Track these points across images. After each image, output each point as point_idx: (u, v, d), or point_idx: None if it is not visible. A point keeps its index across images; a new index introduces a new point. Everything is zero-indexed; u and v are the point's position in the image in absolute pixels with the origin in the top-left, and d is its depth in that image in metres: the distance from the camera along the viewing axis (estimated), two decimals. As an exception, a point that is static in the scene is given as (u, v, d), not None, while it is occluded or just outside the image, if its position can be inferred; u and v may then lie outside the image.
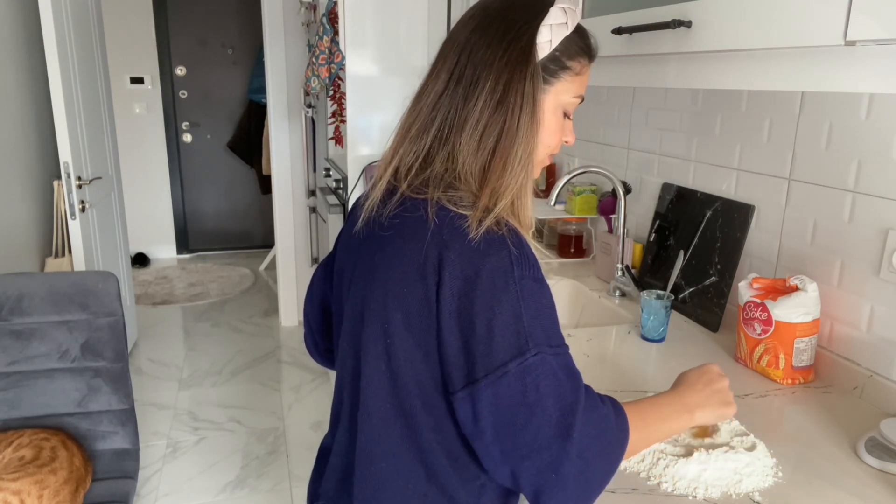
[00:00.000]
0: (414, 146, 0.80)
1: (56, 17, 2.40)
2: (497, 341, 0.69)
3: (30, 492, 1.41)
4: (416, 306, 0.73)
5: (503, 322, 0.69)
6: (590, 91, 1.97)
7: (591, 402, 0.72)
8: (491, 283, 0.70)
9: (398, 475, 0.79)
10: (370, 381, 0.79)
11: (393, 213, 0.78)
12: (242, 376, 3.18)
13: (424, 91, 0.81)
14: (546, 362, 0.70)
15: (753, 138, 1.34)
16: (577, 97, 0.83)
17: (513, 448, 0.70)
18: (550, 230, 2.04)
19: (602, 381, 1.17)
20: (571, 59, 0.80)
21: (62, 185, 2.57)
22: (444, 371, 0.73)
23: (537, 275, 0.74)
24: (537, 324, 0.71)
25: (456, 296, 0.70)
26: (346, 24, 2.26)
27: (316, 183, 3.57)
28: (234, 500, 2.27)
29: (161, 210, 5.04)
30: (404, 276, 0.74)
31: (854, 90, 0.78)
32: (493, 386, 0.69)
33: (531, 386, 0.69)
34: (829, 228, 1.17)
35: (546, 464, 0.69)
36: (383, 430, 0.79)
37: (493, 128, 0.75)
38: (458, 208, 0.74)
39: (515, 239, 0.74)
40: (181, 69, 4.86)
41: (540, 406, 0.69)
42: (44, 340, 1.73)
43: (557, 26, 0.78)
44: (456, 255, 0.71)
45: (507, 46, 0.76)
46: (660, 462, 0.88)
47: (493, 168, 0.76)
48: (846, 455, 0.93)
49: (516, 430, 0.69)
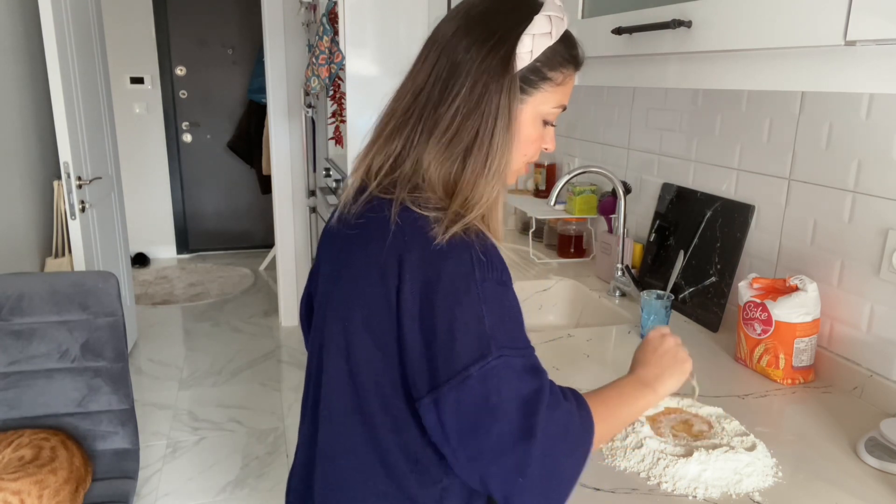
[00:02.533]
0: (387, 147, 0.79)
1: (56, 18, 2.40)
2: (458, 345, 0.68)
3: (30, 492, 1.41)
4: (376, 307, 0.72)
5: (464, 325, 0.68)
6: (590, 91, 1.97)
7: (553, 399, 0.70)
8: (452, 285, 0.68)
9: (357, 473, 0.79)
10: (330, 378, 0.79)
11: (360, 211, 0.78)
12: (242, 376, 3.18)
13: (402, 90, 0.80)
14: (509, 365, 0.68)
15: (753, 138, 1.34)
16: (558, 107, 0.81)
17: (478, 454, 0.68)
18: (550, 230, 2.04)
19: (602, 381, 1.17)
20: (554, 70, 0.78)
21: (62, 185, 2.57)
22: (407, 376, 0.72)
23: (501, 278, 0.72)
24: (500, 326, 0.69)
25: (416, 299, 0.69)
26: (346, 24, 2.26)
27: (316, 183, 3.58)
28: (234, 500, 2.27)
29: (161, 210, 5.04)
30: (366, 276, 0.73)
31: (854, 90, 0.78)
32: (455, 390, 0.67)
33: (493, 389, 0.67)
34: (829, 228, 1.17)
35: (512, 468, 0.67)
36: (343, 428, 0.79)
37: (462, 135, 0.74)
38: (422, 210, 0.73)
39: (481, 242, 0.72)
40: (181, 69, 4.86)
41: (502, 409, 0.67)
42: (44, 340, 1.73)
43: (540, 36, 0.75)
44: (416, 258, 0.70)
45: (487, 54, 0.74)
46: (660, 462, 0.88)
47: (464, 178, 0.74)
48: (846, 455, 0.93)
49: (480, 436, 0.68)
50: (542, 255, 1.94)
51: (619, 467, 0.90)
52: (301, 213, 3.69)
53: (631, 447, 0.91)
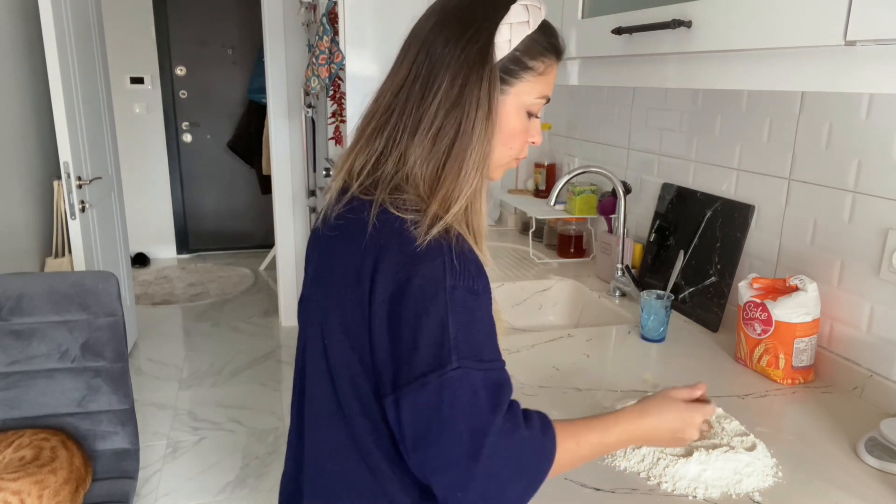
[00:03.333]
0: (368, 146, 0.78)
1: (56, 18, 2.40)
2: (421, 351, 0.67)
3: (30, 492, 1.41)
4: (352, 309, 0.72)
5: (427, 332, 0.67)
6: (590, 91, 1.97)
7: (511, 423, 0.68)
8: (420, 290, 0.68)
9: (343, 475, 0.79)
10: (313, 380, 0.79)
11: (340, 213, 0.77)
12: (242, 376, 3.18)
13: (384, 88, 0.79)
14: (468, 377, 0.67)
15: (753, 138, 1.34)
16: (541, 97, 0.80)
17: (426, 459, 0.68)
18: (550, 230, 2.04)
19: (602, 381, 1.17)
20: (534, 59, 0.77)
21: (62, 185, 2.57)
22: (376, 374, 0.73)
23: (473, 286, 0.70)
24: (465, 337, 0.68)
25: (387, 301, 0.69)
26: (346, 24, 2.26)
27: (316, 183, 3.57)
28: (234, 500, 2.27)
29: (161, 210, 5.04)
30: (343, 278, 0.73)
31: (854, 90, 0.78)
32: (412, 395, 0.67)
33: (447, 401, 0.66)
34: (829, 228, 1.17)
35: (453, 481, 0.67)
36: (327, 431, 0.79)
37: (447, 129, 0.73)
38: (401, 212, 0.72)
39: (458, 247, 0.71)
40: (181, 69, 4.86)
41: (452, 423, 0.66)
42: (44, 340, 1.73)
43: (518, 25, 0.75)
44: (390, 261, 0.69)
45: (465, 46, 0.73)
46: (660, 462, 0.88)
47: (446, 172, 0.73)
48: (846, 455, 0.93)
49: (429, 444, 0.67)
50: (542, 255, 1.94)
51: (619, 467, 0.90)
52: (301, 213, 3.69)
53: (631, 447, 0.91)
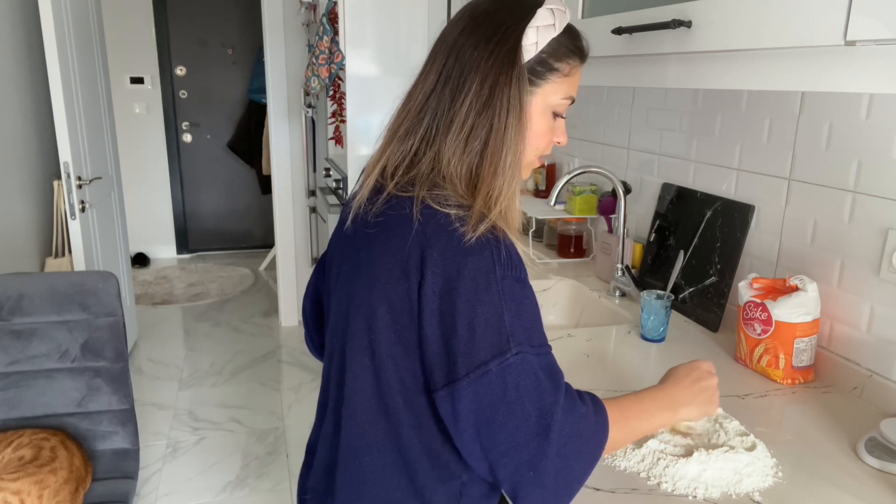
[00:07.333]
0: (401, 146, 0.80)
1: (56, 18, 2.40)
2: (479, 340, 0.70)
3: (30, 492, 1.41)
4: (399, 303, 0.74)
5: (485, 321, 0.70)
6: (590, 91, 1.97)
7: (570, 401, 0.72)
8: (473, 282, 0.70)
9: (381, 470, 0.80)
10: (355, 376, 0.80)
11: (379, 210, 0.79)
12: (242, 376, 3.18)
13: (414, 92, 0.81)
14: (527, 362, 0.70)
15: (753, 138, 1.34)
16: (566, 98, 0.83)
17: (492, 445, 0.70)
18: (550, 230, 2.04)
19: (602, 381, 1.17)
20: (559, 61, 0.80)
21: (62, 185, 2.57)
22: (425, 369, 0.74)
23: (520, 275, 0.74)
24: (519, 323, 0.71)
25: (437, 294, 0.71)
26: (346, 24, 2.26)
27: (316, 183, 3.57)
28: (234, 500, 2.27)
29: (161, 210, 5.04)
30: (388, 272, 0.75)
31: (854, 90, 0.78)
32: (474, 384, 0.70)
33: (511, 385, 0.69)
34: (829, 228, 1.17)
35: (524, 461, 0.69)
36: (367, 426, 0.80)
37: (479, 130, 0.76)
38: (443, 207, 0.74)
39: (501, 240, 0.74)
40: (181, 69, 4.86)
41: (519, 405, 0.69)
42: (44, 340, 1.73)
43: (544, 28, 0.78)
44: (438, 254, 0.72)
45: (494, 49, 0.76)
46: (660, 462, 0.88)
47: (482, 172, 0.76)
48: (846, 455, 0.93)
49: (496, 428, 0.70)
50: (542, 255, 1.94)
51: (619, 467, 0.90)
52: (301, 213, 3.69)
53: (631, 447, 0.91)
